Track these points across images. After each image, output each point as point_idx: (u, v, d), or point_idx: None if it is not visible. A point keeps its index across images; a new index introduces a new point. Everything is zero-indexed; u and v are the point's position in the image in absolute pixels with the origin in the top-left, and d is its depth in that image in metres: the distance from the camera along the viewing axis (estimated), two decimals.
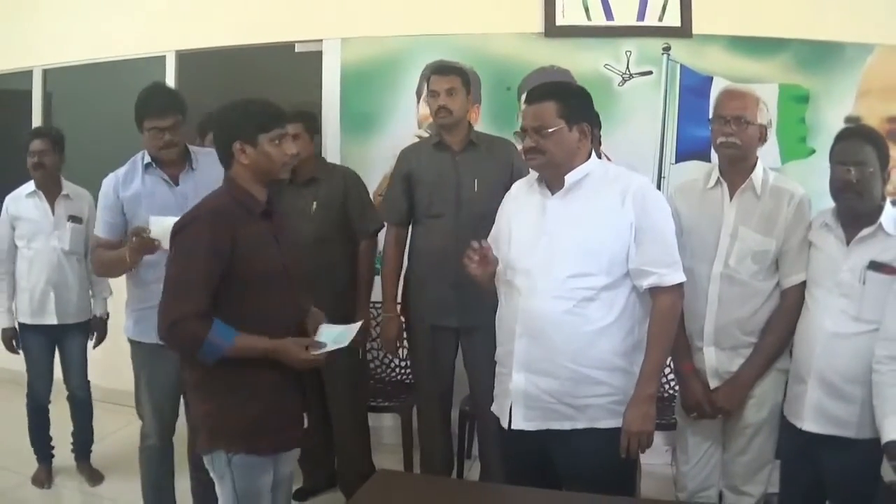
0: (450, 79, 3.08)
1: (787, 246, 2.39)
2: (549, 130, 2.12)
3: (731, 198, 2.46)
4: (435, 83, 3.10)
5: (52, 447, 3.62)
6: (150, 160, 2.83)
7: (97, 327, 3.63)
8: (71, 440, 3.65)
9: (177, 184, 2.83)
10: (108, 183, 2.85)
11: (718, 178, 2.50)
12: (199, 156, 2.88)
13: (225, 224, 2.04)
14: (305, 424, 2.22)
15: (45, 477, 3.57)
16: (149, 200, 2.79)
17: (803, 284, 2.37)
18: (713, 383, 2.47)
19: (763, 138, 2.48)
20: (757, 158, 2.47)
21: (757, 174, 2.45)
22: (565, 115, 2.13)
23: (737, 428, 2.48)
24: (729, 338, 2.45)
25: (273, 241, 2.16)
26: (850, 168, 2.21)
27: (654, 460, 3.48)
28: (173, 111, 2.77)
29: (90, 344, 3.64)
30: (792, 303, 2.39)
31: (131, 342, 2.90)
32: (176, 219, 2.23)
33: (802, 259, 2.38)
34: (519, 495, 2.09)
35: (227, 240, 2.02)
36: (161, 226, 2.49)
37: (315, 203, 3.23)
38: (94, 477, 3.64)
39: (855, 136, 2.29)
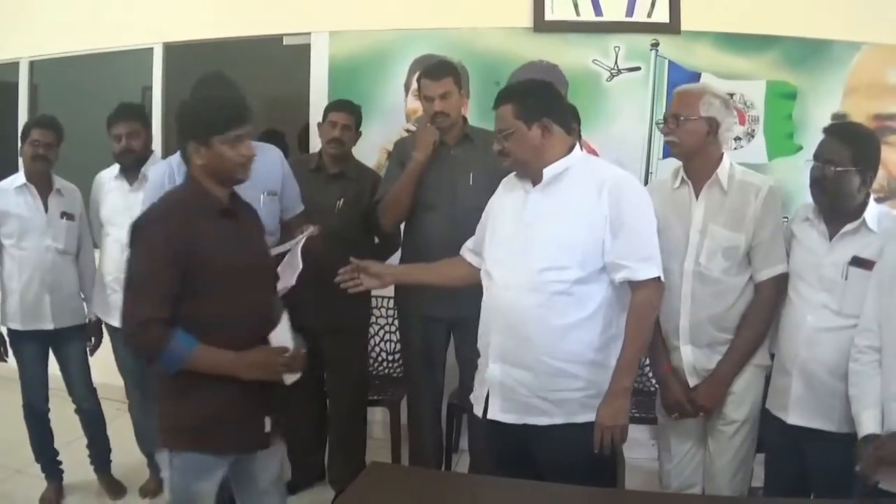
0: (443, 83, 3.06)
1: (758, 240, 2.39)
2: (508, 132, 2.18)
3: (696, 195, 2.46)
4: (428, 88, 3.07)
5: (60, 462, 3.41)
6: None
7: (93, 331, 3.40)
8: (87, 452, 3.47)
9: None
10: (162, 172, 2.69)
11: (682, 176, 2.50)
12: (265, 150, 2.76)
13: (183, 222, 2.01)
14: (267, 428, 2.14)
15: (53, 497, 3.34)
16: None
17: (778, 278, 2.38)
18: (692, 381, 2.48)
19: (713, 131, 2.42)
20: (722, 154, 2.46)
21: (723, 169, 2.43)
22: (522, 116, 2.18)
23: (717, 426, 2.48)
24: (704, 335, 2.45)
25: (236, 240, 2.11)
26: (819, 165, 2.24)
27: (640, 455, 3.51)
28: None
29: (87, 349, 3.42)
30: (767, 297, 2.40)
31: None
32: (283, 246, 2.35)
33: (775, 252, 2.38)
34: (511, 488, 2.09)
35: (186, 238, 1.99)
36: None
37: (342, 200, 3.25)
38: (116, 489, 3.47)
39: (831, 133, 2.30)
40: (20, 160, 3.28)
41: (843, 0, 3.58)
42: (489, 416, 2.23)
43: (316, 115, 3.96)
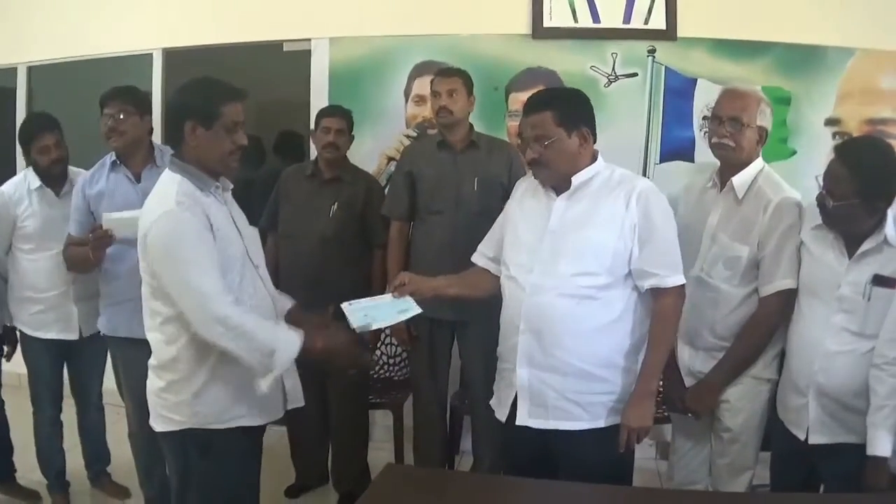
0: (452, 80, 3.15)
1: (763, 253, 2.33)
2: (549, 141, 2.14)
3: None
4: (437, 84, 3.17)
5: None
6: (115, 158, 2.91)
7: (8, 339, 3.28)
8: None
9: (139, 181, 2.86)
10: (78, 182, 2.96)
11: (715, 179, 2.48)
12: (167, 153, 2.76)
13: None
14: None
15: None
16: (111, 198, 2.84)
17: (783, 293, 2.30)
18: (687, 382, 2.50)
19: (763, 141, 2.42)
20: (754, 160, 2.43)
21: (741, 176, 2.39)
22: (564, 123, 2.14)
23: (716, 429, 2.49)
24: (701, 339, 2.46)
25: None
26: (822, 192, 2.16)
27: (637, 454, 3.54)
28: (121, 101, 2.87)
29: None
30: (768, 312, 2.34)
31: (106, 338, 2.97)
32: (131, 213, 2.38)
33: (781, 267, 2.30)
34: (529, 488, 2.09)
35: None
36: (113, 220, 2.65)
37: (336, 204, 3.28)
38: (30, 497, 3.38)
39: (838, 158, 2.14)
40: None
41: (837, 6, 3.63)
42: (517, 423, 2.22)
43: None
